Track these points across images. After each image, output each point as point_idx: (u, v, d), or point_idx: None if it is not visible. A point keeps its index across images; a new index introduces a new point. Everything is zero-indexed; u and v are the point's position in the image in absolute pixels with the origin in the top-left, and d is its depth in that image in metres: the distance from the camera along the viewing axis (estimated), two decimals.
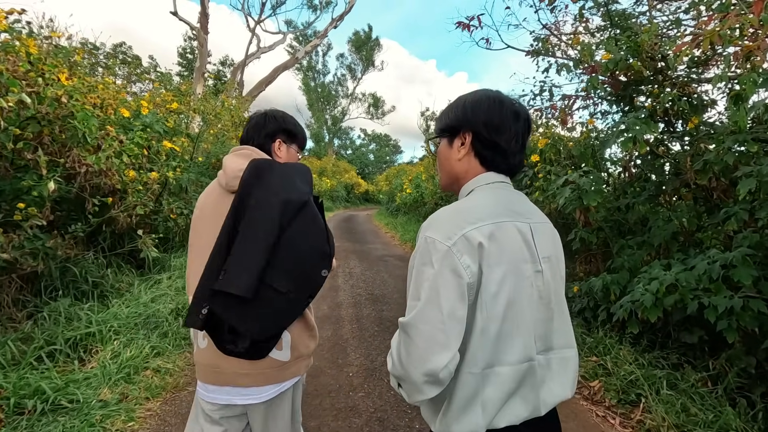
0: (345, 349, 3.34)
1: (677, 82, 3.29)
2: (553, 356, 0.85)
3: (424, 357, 0.72)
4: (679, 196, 3.60)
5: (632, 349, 3.06)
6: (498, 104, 0.88)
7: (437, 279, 0.75)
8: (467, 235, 0.76)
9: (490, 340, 0.78)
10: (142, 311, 3.23)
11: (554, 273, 0.88)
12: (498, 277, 0.77)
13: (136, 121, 4.60)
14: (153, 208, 4.61)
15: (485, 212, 0.81)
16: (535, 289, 0.82)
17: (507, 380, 0.78)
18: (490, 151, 0.88)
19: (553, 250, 0.90)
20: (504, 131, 0.87)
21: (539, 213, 0.93)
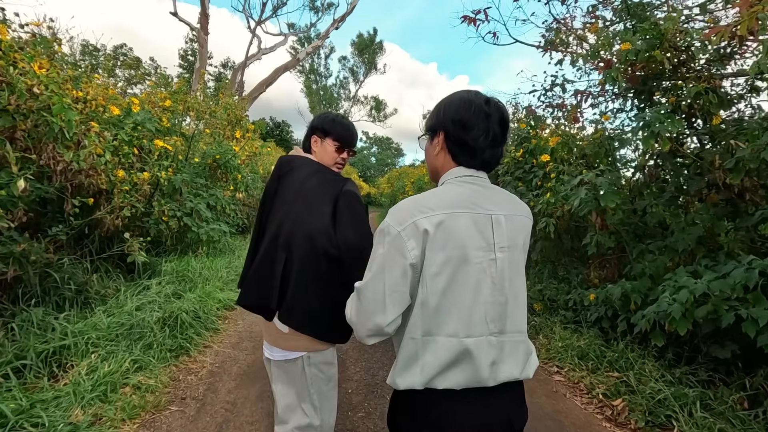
0: (344, 362, 3.10)
1: (702, 75, 3.05)
2: (506, 339, 0.94)
3: (368, 317, 0.91)
4: (701, 198, 3.36)
5: (656, 363, 2.81)
6: (466, 104, 0.96)
7: (385, 257, 0.90)
8: (416, 223, 0.88)
9: (429, 313, 0.89)
10: (125, 320, 2.99)
11: (512, 262, 0.95)
12: (440, 260, 0.88)
13: (127, 119, 4.39)
14: (144, 210, 4.39)
15: (440, 203, 0.90)
16: (488, 275, 0.90)
17: (442, 349, 0.89)
18: (458, 148, 0.97)
19: (515, 240, 0.96)
20: (471, 129, 0.94)
21: (513, 206, 0.99)
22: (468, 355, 0.89)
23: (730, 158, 2.74)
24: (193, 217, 5.06)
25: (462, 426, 0.91)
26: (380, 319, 0.90)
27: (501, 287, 0.92)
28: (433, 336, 0.90)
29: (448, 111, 0.98)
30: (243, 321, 3.81)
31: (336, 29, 16.71)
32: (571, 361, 3.07)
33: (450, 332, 0.89)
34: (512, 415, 0.97)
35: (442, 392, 0.91)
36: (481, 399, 0.92)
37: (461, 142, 0.96)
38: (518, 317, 0.97)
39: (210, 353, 3.08)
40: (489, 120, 0.94)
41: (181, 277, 4.18)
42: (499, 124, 0.96)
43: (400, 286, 0.89)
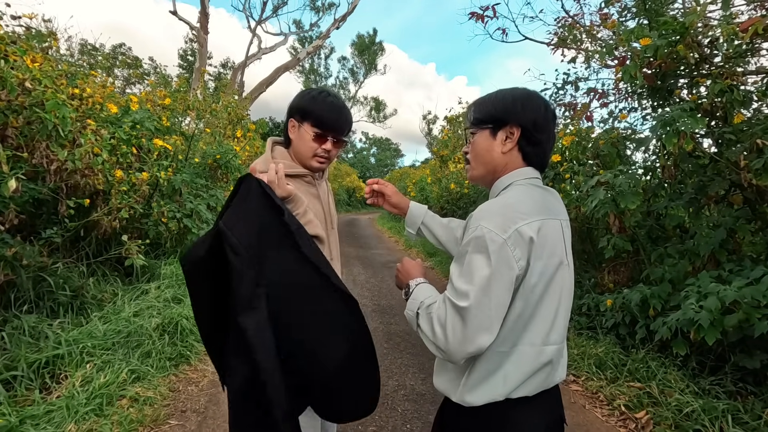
0: None
1: (724, 72, 2.93)
2: (563, 346, 0.94)
3: (472, 339, 0.80)
4: (719, 200, 3.24)
5: (679, 373, 2.68)
6: (544, 104, 0.94)
7: (492, 269, 0.80)
8: (520, 230, 0.82)
9: (522, 325, 0.85)
10: (122, 327, 2.86)
11: (572, 268, 0.94)
12: (539, 269, 0.83)
13: (125, 118, 4.26)
14: (143, 211, 4.26)
15: (532, 208, 0.86)
16: (567, 282, 0.90)
17: (528, 359, 0.86)
18: (533, 148, 0.93)
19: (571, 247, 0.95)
20: (545, 131, 0.92)
21: (565, 210, 0.98)
22: (549, 363, 0.89)
23: (756, 158, 2.62)
24: (193, 218, 4.92)
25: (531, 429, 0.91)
26: (486, 339, 0.81)
27: (570, 293, 0.93)
28: (518, 346, 0.87)
29: (527, 108, 0.92)
30: None
31: (337, 29, 16.60)
32: (588, 370, 2.94)
33: (533, 341, 0.87)
34: (561, 412, 0.99)
35: (516, 400, 0.88)
36: (544, 401, 0.93)
37: (537, 142, 0.93)
38: (566, 325, 0.96)
39: (211, 362, 2.94)
40: (554, 122, 0.94)
41: (180, 281, 4.04)
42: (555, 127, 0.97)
43: (505, 300, 0.82)
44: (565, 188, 3.92)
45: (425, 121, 32.26)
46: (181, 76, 10.29)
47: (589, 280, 4.14)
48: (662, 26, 3.09)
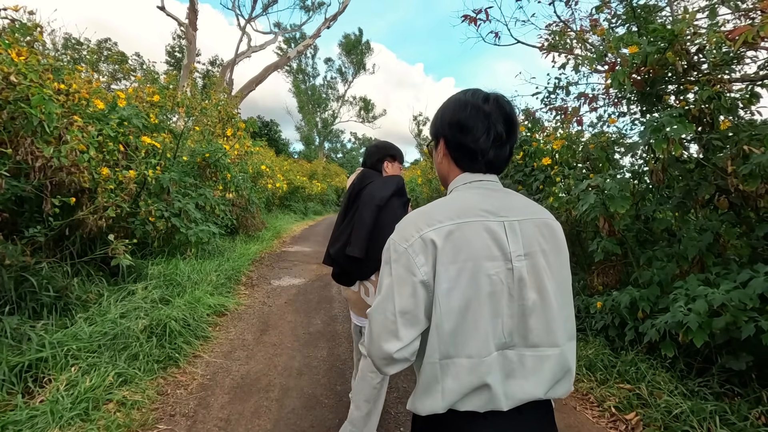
0: (343, 372, 2.94)
1: (712, 78, 2.99)
2: (527, 353, 0.85)
3: (377, 343, 0.82)
4: (704, 204, 3.30)
5: (668, 374, 2.72)
6: (462, 105, 0.90)
7: (393, 277, 0.82)
8: (423, 236, 0.82)
9: (446, 334, 0.81)
10: (109, 329, 2.79)
11: (537, 269, 0.85)
12: (452, 274, 0.80)
13: (112, 114, 4.16)
14: (130, 210, 4.17)
15: (447, 213, 0.84)
16: (505, 286, 0.82)
17: (464, 371, 0.81)
18: (459, 152, 0.92)
19: (539, 246, 0.87)
20: (470, 131, 0.88)
21: (528, 209, 0.91)
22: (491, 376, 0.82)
23: (743, 163, 2.68)
24: (181, 217, 4.84)
25: None
26: (392, 345, 0.81)
27: (520, 298, 0.83)
28: (452, 358, 0.82)
29: (444, 115, 0.94)
30: (235, 328, 3.63)
31: (327, 28, 16.53)
32: (578, 371, 2.97)
33: (471, 353, 0.82)
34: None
35: (464, 415, 0.84)
36: (506, 421, 0.84)
37: (461, 145, 0.91)
38: (546, 330, 0.86)
39: (200, 364, 2.89)
40: (489, 119, 0.88)
41: (168, 281, 3.97)
42: (504, 121, 0.89)
43: (411, 307, 0.81)
44: (555, 192, 3.96)
45: (415, 122, 32.32)
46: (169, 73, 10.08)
47: (579, 283, 4.18)
48: (651, 33, 3.14)
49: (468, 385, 0.81)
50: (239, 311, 4.08)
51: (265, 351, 3.22)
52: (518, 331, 0.84)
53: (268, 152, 15.08)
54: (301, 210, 16.26)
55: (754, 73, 3.31)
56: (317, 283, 5.53)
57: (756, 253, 2.88)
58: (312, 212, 17.34)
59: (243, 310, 4.15)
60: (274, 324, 3.83)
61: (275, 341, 3.42)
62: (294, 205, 15.78)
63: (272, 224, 10.06)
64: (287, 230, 10.71)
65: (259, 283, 5.32)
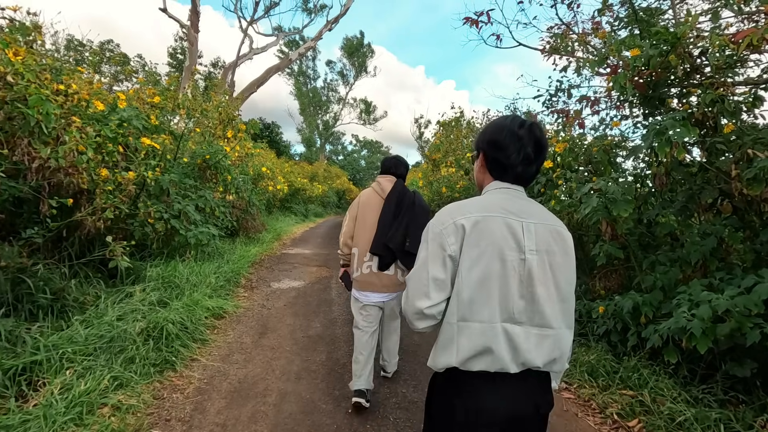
0: (342, 376, 2.91)
1: (716, 82, 2.96)
2: (533, 331, 1.03)
3: (412, 301, 1.06)
4: (707, 208, 3.27)
5: (670, 381, 2.68)
6: (499, 129, 1.12)
7: (429, 250, 1.05)
8: (455, 222, 1.03)
9: (465, 301, 1.01)
10: (105, 332, 2.76)
11: (545, 265, 1.04)
12: (474, 254, 1.00)
13: (112, 115, 4.15)
14: (129, 212, 4.14)
15: (477, 207, 1.05)
16: (517, 273, 1.01)
17: (476, 333, 1.00)
18: (493, 165, 1.14)
19: (548, 246, 1.05)
20: (503, 149, 1.09)
21: (544, 216, 1.09)
22: (494, 340, 1.00)
23: (747, 167, 2.65)
24: (180, 219, 4.82)
25: (494, 407, 1.02)
26: (423, 303, 1.03)
27: (529, 285, 1.02)
28: (467, 322, 1.01)
29: (485, 134, 1.16)
30: (233, 331, 3.59)
31: (329, 30, 16.56)
32: (580, 377, 2.93)
33: (482, 319, 1.01)
34: (539, 400, 1.07)
35: (476, 373, 1.03)
36: (511, 384, 1.03)
37: (495, 160, 1.12)
38: (548, 314, 1.04)
39: (197, 367, 2.86)
40: (521, 141, 1.08)
41: (167, 284, 3.95)
42: (534, 145, 1.09)
43: (441, 274, 1.03)
44: (557, 195, 3.93)
45: (416, 125, 32.29)
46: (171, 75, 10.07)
47: (581, 287, 4.15)
48: (654, 36, 3.12)
49: (478, 344, 1.00)
50: (238, 314, 4.05)
51: (263, 354, 3.18)
52: (527, 312, 1.02)
53: (269, 154, 15.07)
54: (302, 212, 16.23)
55: (758, 76, 3.29)
56: (317, 286, 5.50)
57: (760, 258, 2.85)
58: (313, 214, 17.32)
59: (242, 312, 4.12)
60: (273, 327, 3.80)
61: (274, 344, 3.39)
62: (295, 207, 15.76)
63: (272, 226, 10.04)
64: (288, 232, 10.69)
65: (258, 285, 5.29)
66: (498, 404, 1.02)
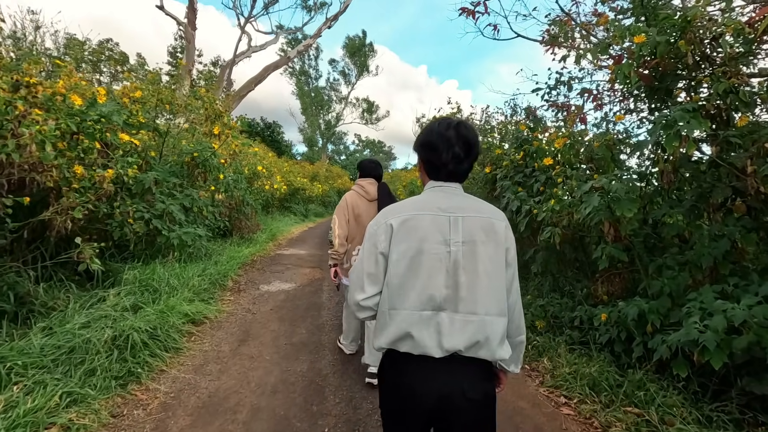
0: (322, 389, 2.69)
1: (728, 71, 2.72)
2: (456, 317, 1.11)
3: (352, 293, 1.21)
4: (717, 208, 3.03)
5: (680, 397, 2.45)
6: (428, 132, 1.23)
7: (365, 248, 1.19)
8: (386, 222, 1.17)
9: (394, 291, 1.14)
10: (66, 341, 2.56)
11: (472, 256, 1.12)
12: (402, 249, 1.13)
13: (91, 110, 3.96)
14: (107, 211, 3.95)
15: (408, 207, 1.17)
16: (443, 264, 1.11)
17: (401, 319, 1.12)
18: (427, 166, 1.24)
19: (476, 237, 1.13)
20: (434, 150, 1.19)
21: (478, 209, 1.17)
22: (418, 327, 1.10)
23: (764, 163, 2.41)
24: (164, 219, 4.62)
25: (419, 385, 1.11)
26: (359, 295, 1.17)
27: (454, 274, 1.10)
28: (397, 309, 1.13)
29: (418, 138, 1.25)
30: (211, 338, 3.39)
31: (329, 28, 16.36)
32: (581, 391, 2.71)
33: (407, 306, 1.11)
34: (465, 386, 1.10)
35: (402, 355, 1.13)
36: (435, 367, 1.10)
37: (428, 161, 1.22)
38: (472, 301, 1.10)
39: (166, 380, 2.65)
40: (449, 142, 1.16)
41: (144, 287, 3.74)
42: (462, 144, 1.16)
43: (373, 269, 1.16)
44: (557, 193, 3.70)
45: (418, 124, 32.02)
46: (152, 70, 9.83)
47: (581, 291, 3.92)
48: (662, 21, 2.88)
49: (401, 329, 1.11)
50: (220, 319, 3.85)
51: (240, 364, 2.97)
52: (451, 299, 1.10)
53: (266, 153, 14.89)
54: (302, 212, 16.02)
55: None
56: (308, 289, 5.29)
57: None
58: (313, 214, 17.11)
59: (224, 318, 3.91)
60: (256, 333, 3.59)
61: (253, 353, 3.18)
62: (294, 207, 15.55)
63: (269, 226, 9.84)
64: (284, 232, 10.48)
65: (246, 288, 5.08)
66: (422, 383, 1.10)
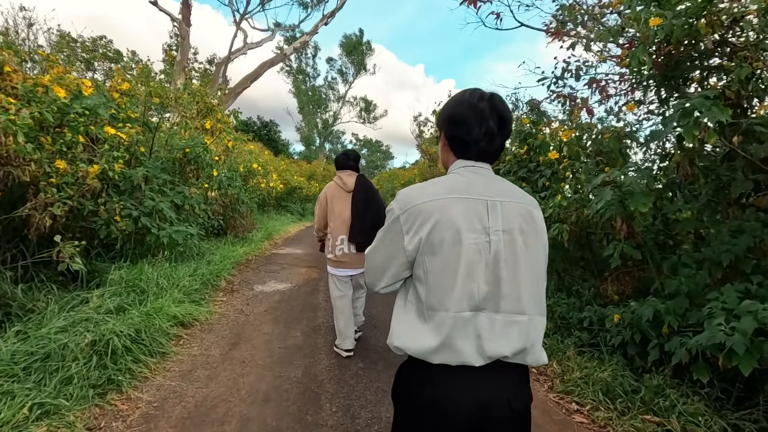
0: (318, 397, 2.52)
1: (750, 56, 2.56)
2: (498, 318, 0.94)
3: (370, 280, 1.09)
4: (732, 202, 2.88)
5: (701, 403, 2.29)
6: (458, 103, 1.05)
7: (386, 234, 1.02)
8: (415, 207, 0.96)
9: (430, 289, 0.94)
10: (41, 346, 2.37)
11: (513, 246, 0.95)
12: (435, 240, 0.93)
13: (75, 103, 3.77)
14: (92, 208, 3.75)
15: (438, 190, 0.98)
16: (482, 256, 0.93)
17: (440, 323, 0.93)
18: (454, 143, 1.07)
19: (517, 225, 0.97)
20: (464, 124, 1.01)
21: (514, 194, 1.01)
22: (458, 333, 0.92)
23: None
24: (153, 217, 4.43)
25: (456, 402, 0.94)
26: (379, 284, 1.06)
27: (495, 268, 0.94)
28: (434, 311, 0.94)
29: (444, 111, 1.08)
30: (201, 342, 3.20)
31: (325, 24, 16.15)
32: (593, 397, 2.54)
33: (448, 308, 0.93)
34: (511, 395, 0.97)
35: (437, 367, 0.95)
36: (475, 377, 0.94)
37: (455, 137, 1.05)
38: (516, 299, 0.96)
39: (149, 388, 2.47)
40: (482, 115, 0.99)
41: (131, 288, 3.55)
42: (496, 118, 1.00)
43: (394, 259, 1.00)
44: (563, 188, 3.53)
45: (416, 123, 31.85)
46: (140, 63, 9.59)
47: (589, 290, 3.75)
48: (675, 4, 2.71)
49: (439, 337, 0.93)
50: (210, 321, 3.66)
51: (231, 370, 2.79)
52: (492, 297, 0.94)
53: (262, 150, 14.69)
54: (299, 211, 15.84)
55: None
56: (304, 289, 5.11)
57: None
58: (310, 213, 16.92)
59: (215, 319, 3.73)
60: (248, 336, 3.40)
61: (245, 357, 3.00)
62: (291, 206, 15.37)
63: (265, 225, 9.65)
64: (281, 231, 10.29)
65: (240, 288, 4.90)
66: (460, 397, 0.94)
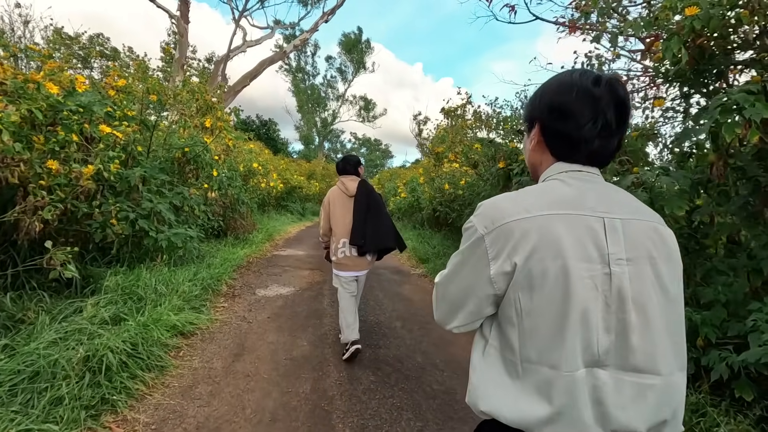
0: (329, 415, 2.33)
1: None
2: (627, 378, 0.70)
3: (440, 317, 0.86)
4: None
5: (746, 424, 2.11)
6: (566, 88, 0.79)
7: (465, 260, 0.79)
8: (506, 225, 0.73)
9: (525, 335, 0.72)
10: (29, 364, 2.18)
11: (642, 280, 0.71)
12: (535, 271, 0.70)
13: (69, 100, 3.58)
14: (87, 210, 3.56)
15: (538, 203, 0.74)
16: (600, 293, 0.70)
17: (545, 385, 0.70)
18: (557, 140, 0.82)
19: (645, 251, 0.72)
20: (572, 116, 0.77)
21: (635, 209, 0.77)
22: (573, 398, 0.68)
23: None
24: (151, 219, 4.24)
25: None
26: (447, 323, 0.85)
27: (619, 311, 0.70)
28: (534, 365, 0.71)
29: (543, 97, 0.83)
30: (202, 353, 3.01)
31: (326, 22, 15.94)
32: None
33: (555, 363, 0.69)
34: None
35: None
36: None
37: (560, 133, 0.80)
38: (650, 352, 0.69)
39: (147, 407, 2.28)
40: (598, 104, 0.75)
41: (128, 295, 3.37)
42: (615, 107, 0.75)
43: (475, 293, 0.77)
44: None
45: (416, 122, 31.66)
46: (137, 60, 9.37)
47: None
48: None
49: (542, 402, 0.70)
50: (212, 330, 3.47)
51: (234, 385, 2.61)
52: (616, 349, 0.70)
53: (261, 150, 14.50)
54: (299, 210, 15.68)
55: None
56: (308, 293, 4.92)
57: None
58: (310, 213, 16.77)
59: (217, 328, 3.54)
60: (252, 346, 3.22)
61: (249, 370, 2.81)
62: (291, 206, 15.19)
63: (265, 225, 9.46)
64: (281, 232, 10.11)
65: (241, 293, 4.71)
66: None
